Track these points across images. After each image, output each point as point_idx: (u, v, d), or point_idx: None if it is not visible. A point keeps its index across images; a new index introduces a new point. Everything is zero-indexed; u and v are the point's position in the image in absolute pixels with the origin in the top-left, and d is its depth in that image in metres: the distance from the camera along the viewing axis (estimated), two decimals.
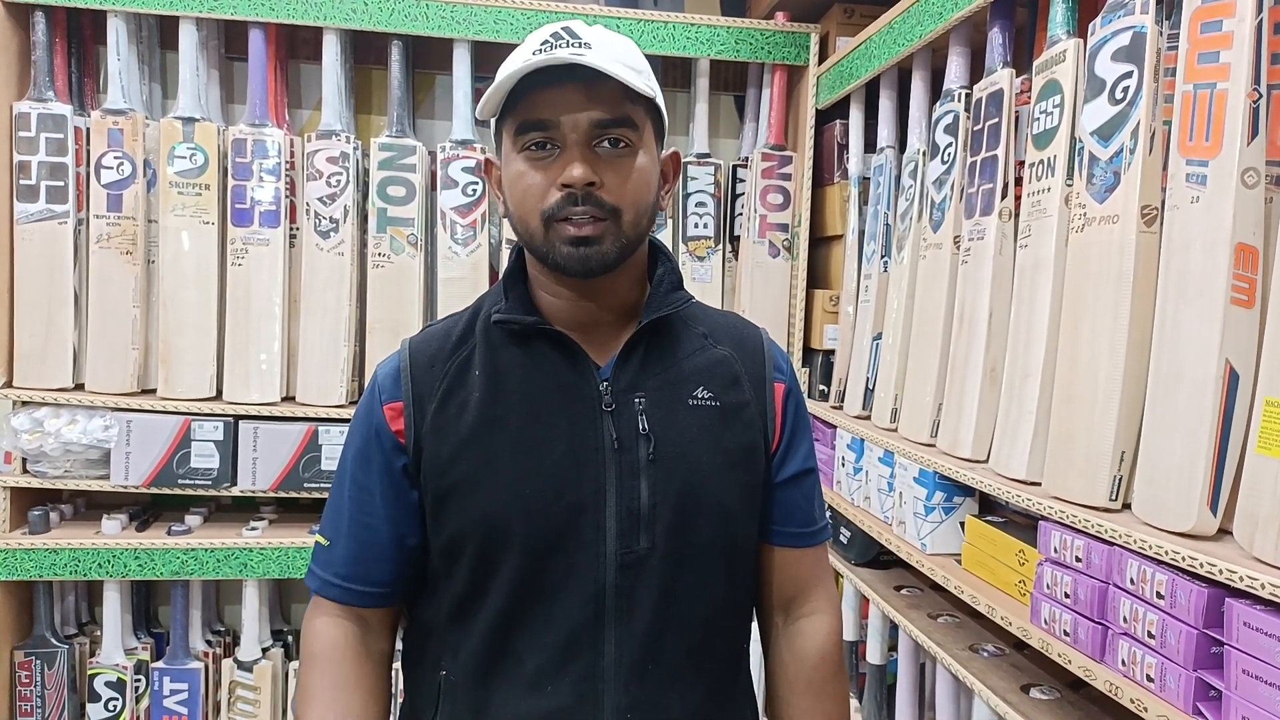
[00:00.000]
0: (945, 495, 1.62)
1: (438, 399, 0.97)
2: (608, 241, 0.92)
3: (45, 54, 2.17)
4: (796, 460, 1.05)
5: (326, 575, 1.00)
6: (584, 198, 0.90)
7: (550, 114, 0.90)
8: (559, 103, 0.90)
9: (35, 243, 2.17)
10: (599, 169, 0.90)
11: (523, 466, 0.94)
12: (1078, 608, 1.19)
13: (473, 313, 1.03)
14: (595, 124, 0.90)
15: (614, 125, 0.91)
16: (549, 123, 0.90)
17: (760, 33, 2.37)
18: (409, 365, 0.99)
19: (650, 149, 0.96)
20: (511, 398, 0.96)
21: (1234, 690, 0.94)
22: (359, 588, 1.00)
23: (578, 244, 0.91)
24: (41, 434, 2.14)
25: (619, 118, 0.91)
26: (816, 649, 1.06)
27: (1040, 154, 1.38)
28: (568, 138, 0.90)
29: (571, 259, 0.92)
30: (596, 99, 0.90)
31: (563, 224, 0.91)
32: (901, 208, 1.94)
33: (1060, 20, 1.38)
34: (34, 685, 2.24)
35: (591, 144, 0.91)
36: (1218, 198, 1.03)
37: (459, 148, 2.28)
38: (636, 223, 0.94)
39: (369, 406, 1.01)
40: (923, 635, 1.62)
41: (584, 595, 0.93)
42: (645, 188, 0.94)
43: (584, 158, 0.90)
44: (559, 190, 0.90)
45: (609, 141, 0.91)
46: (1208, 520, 1.03)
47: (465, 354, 0.99)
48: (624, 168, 0.92)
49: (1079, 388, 1.24)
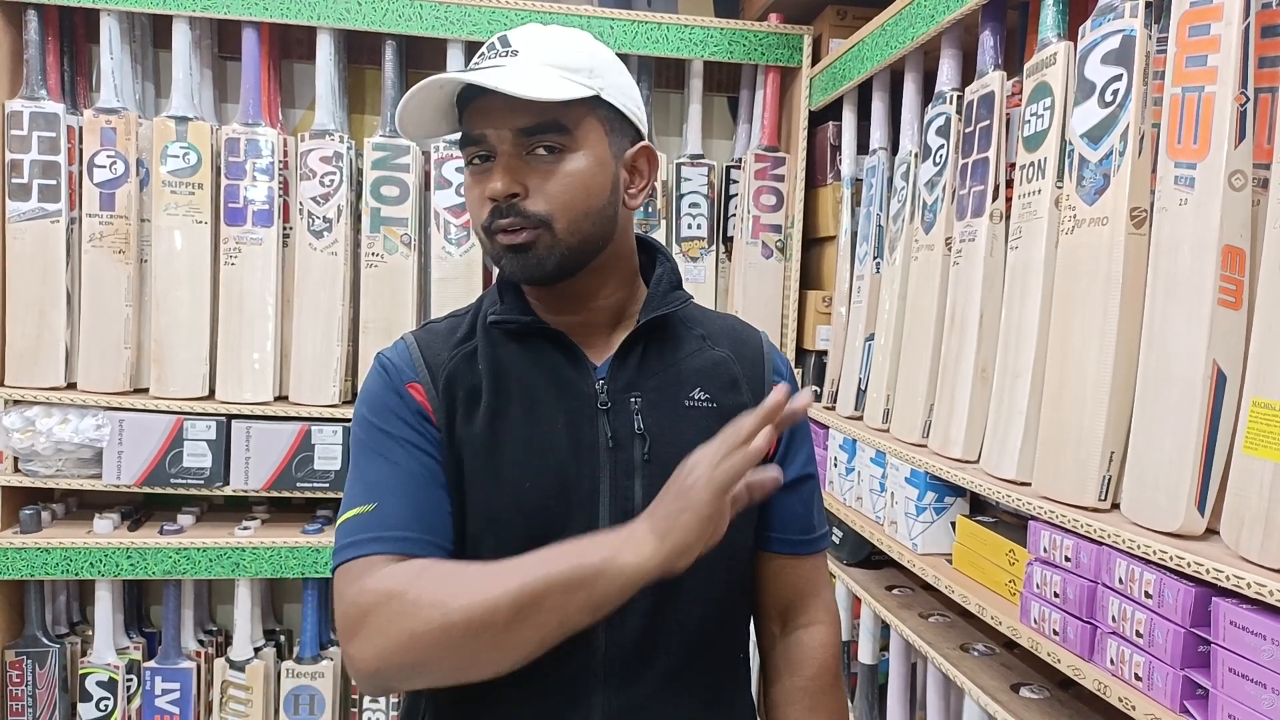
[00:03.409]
0: (936, 495, 1.62)
1: (445, 387, 0.95)
2: (540, 249, 0.91)
3: (38, 52, 2.17)
4: (795, 466, 1.05)
5: (380, 533, 0.87)
6: (508, 209, 0.90)
7: (479, 126, 0.91)
8: (484, 114, 0.91)
9: (27, 241, 2.17)
10: (526, 177, 0.90)
11: (522, 462, 0.93)
12: (1067, 607, 1.20)
13: (474, 312, 1.03)
14: (519, 131, 0.90)
15: (540, 131, 0.90)
16: (479, 136, 0.91)
17: (753, 34, 2.38)
18: (419, 353, 0.98)
19: (594, 148, 0.93)
20: (512, 393, 0.95)
21: (1221, 689, 0.95)
22: (429, 537, 0.88)
23: (513, 252, 0.91)
24: (33, 433, 2.13)
25: (543, 123, 0.89)
26: (814, 660, 1.04)
27: (1031, 156, 1.39)
28: (497, 149, 0.91)
29: (513, 267, 0.93)
30: (519, 107, 0.89)
31: (496, 235, 0.92)
32: (894, 209, 1.94)
33: (1051, 23, 1.39)
34: (25, 685, 2.23)
35: (523, 152, 0.91)
36: (1205, 200, 1.04)
37: (452, 148, 2.28)
38: (573, 228, 0.92)
39: (386, 385, 0.96)
40: (914, 635, 1.63)
41: None
42: (579, 191, 0.92)
43: (507, 168, 0.90)
44: (488, 203, 0.91)
45: (543, 149, 0.90)
46: (1195, 520, 1.04)
47: (469, 349, 0.98)
48: (552, 174, 0.91)
49: (1069, 388, 1.25)
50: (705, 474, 0.80)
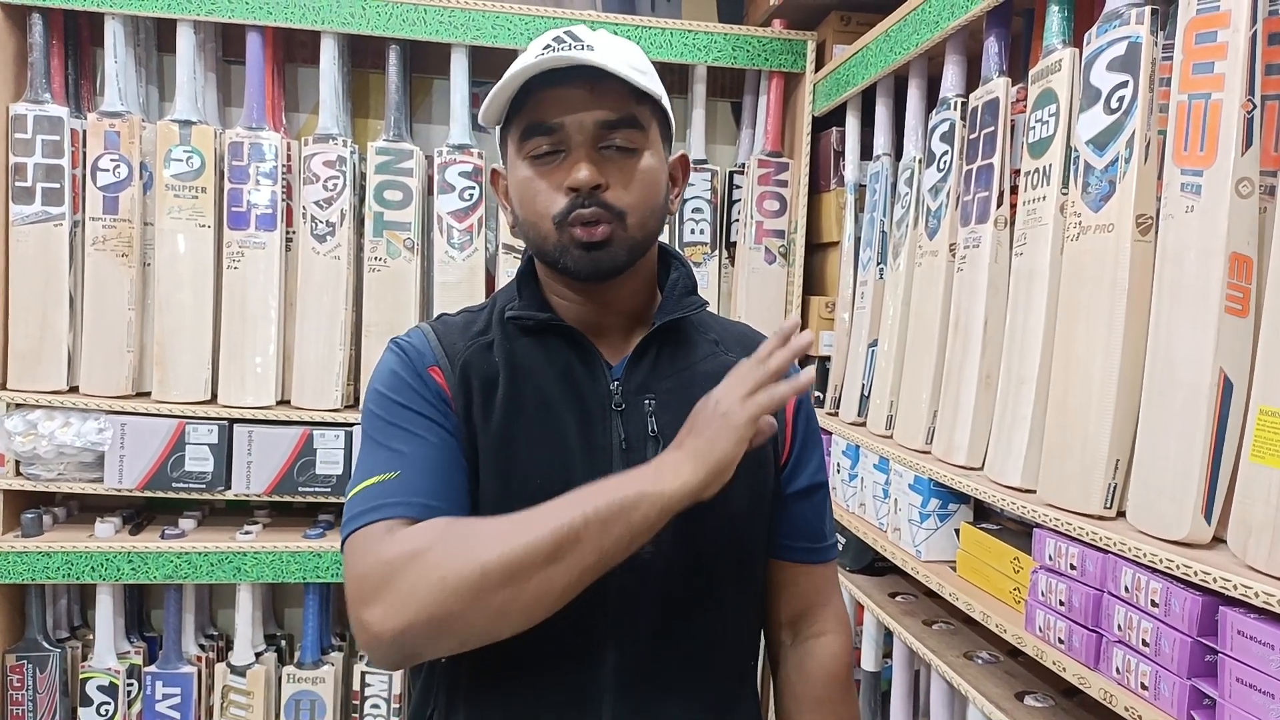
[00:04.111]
0: (940, 502, 1.62)
1: (463, 374, 0.94)
2: (616, 244, 0.91)
3: (42, 56, 2.17)
4: (806, 474, 1.05)
5: (404, 498, 0.85)
6: (590, 200, 0.89)
7: (555, 115, 0.89)
8: (563, 104, 0.89)
9: (31, 245, 2.16)
10: (605, 171, 0.90)
11: (535, 459, 0.93)
12: (1072, 615, 1.19)
13: (490, 308, 1.02)
14: (600, 124, 0.89)
15: (620, 126, 0.90)
16: (554, 125, 0.89)
17: (757, 40, 2.38)
18: (437, 340, 0.97)
19: (657, 151, 0.95)
20: (526, 390, 0.95)
21: (1228, 698, 0.94)
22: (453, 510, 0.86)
23: (588, 248, 0.90)
24: (35, 436, 2.13)
25: (625, 117, 0.90)
26: (825, 670, 1.04)
27: (1036, 162, 1.39)
28: (573, 139, 0.89)
29: (583, 263, 0.91)
30: (601, 99, 0.89)
31: (573, 228, 0.90)
32: (897, 215, 1.94)
33: (1056, 30, 1.39)
34: (25, 689, 2.22)
35: (597, 146, 0.90)
36: (1212, 207, 1.03)
37: (456, 152, 2.28)
38: (643, 225, 0.93)
39: (406, 366, 0.94)
40: (917, 642, 1.62)
41: (584, 599, 0.92)
42: (653, 189, 0.94)
43: (590, 159, 0.89)
44: (566, 194, 0.89)
45: (616, 143, 0.90)
46: (1202, 528, 1.04)
47: (486, 341, 0.97)
48: (630, 169, 0.91)
49: (1074, 395, 1.25)
50: (738, 398, 0.83)
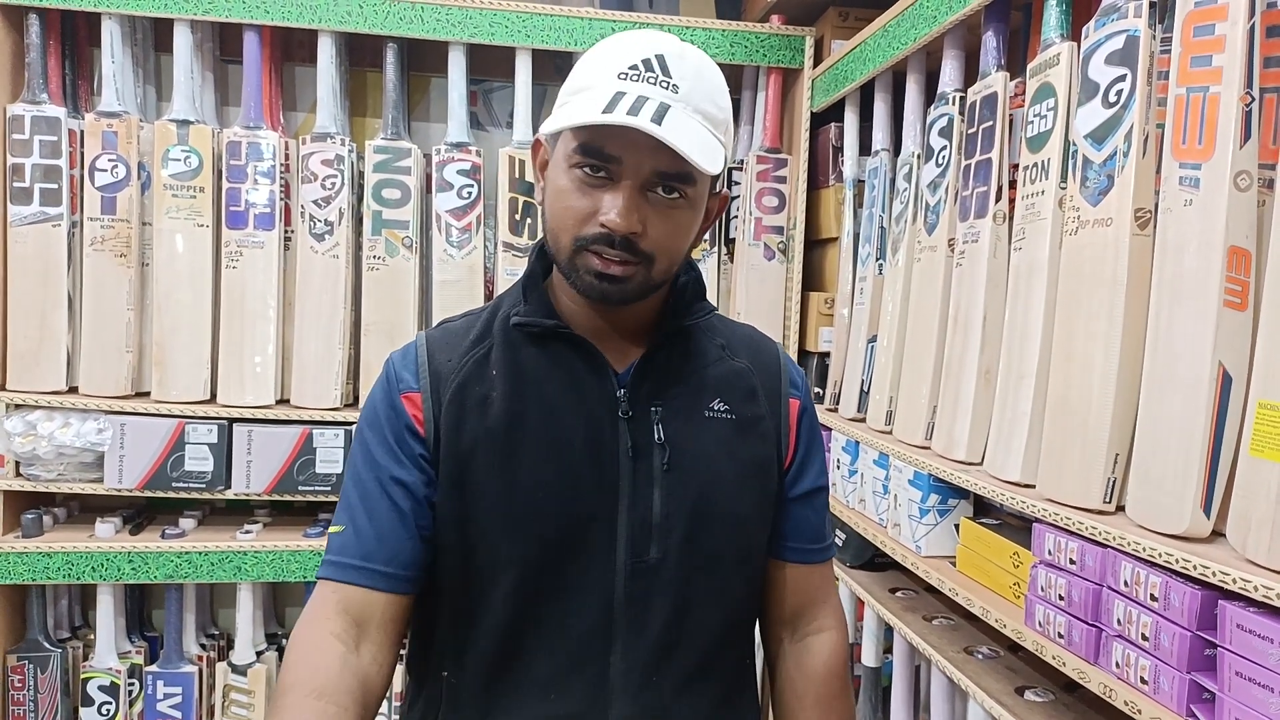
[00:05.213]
0: (940, 498, 1.62)
1: (454, 392, 0.95)
2: (633, 283, 0.91)
3: (39, 56, 2.17)
4: (809, 477, 1.06)
5: (341, 559, 0.93)
6: (622, 243, 0.88)
7: (617, 150, 0.87)
8: (628, 140, 0.87)
9: (29, 245, 2.16)
10: (645, 214, 0.89)
11: (539, 468, 0.93)
12: (1072, 610, 1.19)
13: (491, 311, 1.02)
14: (658, 172, 0.88)
15: (674, 179, 0.89)
16: (611, 156, 0.88)
17: (755, 35, 2.37)
18: (426, 357, 0.98)
19: (702, 198, 0.94)
20: (530, 397, 0.95)
21: (1227, 692, 0.94)
22: (380, 568, 0.92)
23: (602, 278, 0.90)
24: (35, 437, 2.13)
25: (681, 173, 0.89)
26: (824, 666, 1.06)
27: (1034, 157, 1.39)
28: (625, 174, 0.88)
29: (592, 289, 0.91)
30: (664, 148, 0.86)
31: (592, 256, 0.89)
32: (896, 210, 1.94)
33: (1054, 24, 1.39)
34: (27, 689, 2.23)
35: (645, 188, 0.89)
36: (1210, 201, 1.03)
37: (454, 150, 2.27)
38: (667, 270, 0.94)
39: (384, 394, 0.98)
40: (917, 638, 1.62)
41: (594, 603, 0.93)
42: (684, 239, 0.94)
43: (632, 203, 0.88)
44: (599, 225, 0.88)
45: (663, 189, 0.89)
46: (1201, 523, 1.04)
47: (482, 351, 0.97)
48: (671, 219, 0.91)
49: (1073, 390, 1.25)
50: None
